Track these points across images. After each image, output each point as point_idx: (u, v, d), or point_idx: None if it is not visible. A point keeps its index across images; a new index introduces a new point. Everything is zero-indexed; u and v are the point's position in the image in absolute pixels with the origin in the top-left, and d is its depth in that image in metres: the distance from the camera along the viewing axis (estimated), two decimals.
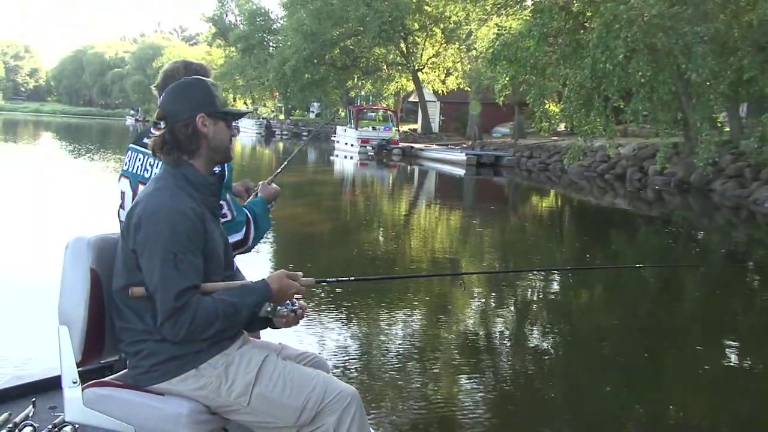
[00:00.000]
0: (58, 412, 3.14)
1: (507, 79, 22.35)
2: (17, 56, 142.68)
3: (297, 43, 47.09)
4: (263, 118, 68.96)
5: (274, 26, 65.83)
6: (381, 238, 12.83)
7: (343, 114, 52.38)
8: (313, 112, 74.13)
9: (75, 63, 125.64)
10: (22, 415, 3.19)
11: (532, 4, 21.86)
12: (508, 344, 6.73)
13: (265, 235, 3.40)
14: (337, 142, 42.02)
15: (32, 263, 8.41)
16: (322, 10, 46.09)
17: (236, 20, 71.76)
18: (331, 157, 37.41)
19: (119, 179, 3.25)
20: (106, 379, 2.54)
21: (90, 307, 2.45)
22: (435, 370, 5.76)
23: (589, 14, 17.73)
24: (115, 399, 2.41)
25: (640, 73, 14.32)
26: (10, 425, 3.09)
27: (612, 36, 14.59)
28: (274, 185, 3.54)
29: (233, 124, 2.62)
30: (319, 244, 11.86)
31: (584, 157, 25.06)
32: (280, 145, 51.11)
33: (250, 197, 3.50)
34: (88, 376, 2.53)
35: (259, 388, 2.40)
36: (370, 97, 60.30)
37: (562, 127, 31.44)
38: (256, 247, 3.37)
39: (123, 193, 3.21)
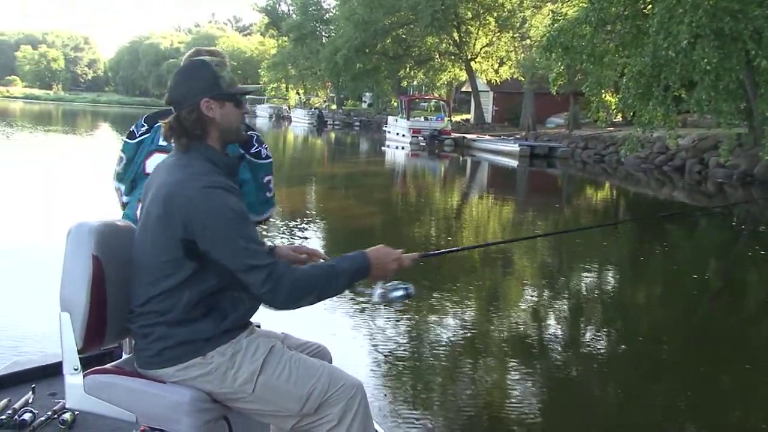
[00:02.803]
0: (58, 398, 3.15)
1: (562, 67, 21.80)
2: (77, 48, 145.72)
3: (349, 32, 46.99)
4: (315, 108, 69.08)
5: (327, 16, 65.87)
6: (432, 232, 12.54)
7: (395, 104, 52.09)
8: (365, 102, 74.02)
9: (131, 54, 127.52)
10: (22, 401, 3.22)
11: None
12: (541, 338, 6.38)
13: None
14: (389, 132, 41.74)
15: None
16: None
17: (289, 10, 71.93)
18: (382, 148, 37.19)
19: (149, 156, 3.23)
20: (107, 366, 2.52)
21: (92, 293, 2.41)
22: (467, 364, 5.65)
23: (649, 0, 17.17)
24: (116, 386, 2.41)
25: (705, 60, 13.68)
26: (10, 411, 3.12)
27: (675, 21, 13.98)
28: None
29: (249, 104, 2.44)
30: (368, 237, 11.60)
31: (641, 148, 24.37)
32: (332, 135, 51.14)
33: None
34: (88, 362, 2.50)
35: (264, 377, 2.38)
36: (423, 87, 59.94)
37: (619, 117, 30.70)
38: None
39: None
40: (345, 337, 6.00)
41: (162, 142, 3.17)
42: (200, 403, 2.36)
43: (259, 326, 3.14)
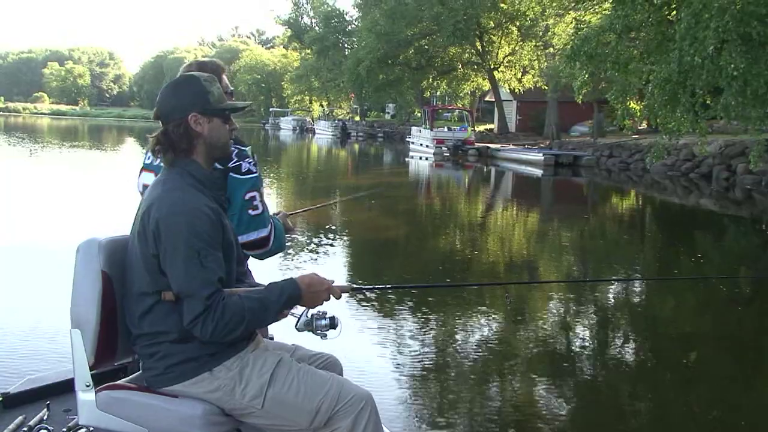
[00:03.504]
0: (72, 414, 3.09)
1: (586, 75, 21.61)
2: (102, 63, 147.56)
3: (371, 43, 47.05)
4: (339, 120, 69.23)
5: (349, 28, 66.09)
6: (456, 244, 12.46)
7: (418, 114, 52.05)
8: (388, 113, 74.11)
9: (156, 68, 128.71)
10: (37, 418, 3.20)
11: None
12: (557, 353, 6.25)
13: (278, 254, 3.23)
14: (412, 143, 41.68)
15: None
16: (395, 10, 45.98)
17: (311, 22, 72.26)
18: (406, 159, 37.13)
19: (140, 173, 3.22)
20: (119, 381, 2.54)
21: (102, 309, 2.43)
22: (473, 378, 5.55)
23: (674, 5, 16.91)
24: (128, 401, 2.41)
25: (732, 66, 13.48)
26: (25, 429, 3.11)
27: (701, 26, 13.78)
28: (289, 221, 3.48)
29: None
30: (391, 250, 11.52)
31: (667, 155, 24.10)
32: (356, 146, 51.17)
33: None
34: (101, 378, 2.52)
35: (273, 391, 2.39)
36: (446, 97, 59.87)
37: (644, 125, 30.42)
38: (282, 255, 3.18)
39: (146, 186, 3.09)
40: (356, 347, 5.93)
41: (148, 160, 3.18)
42: (212, 416, 2.36)
43: (272, 338, 3.21)
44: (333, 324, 2.60)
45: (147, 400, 2.40)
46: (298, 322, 2.60)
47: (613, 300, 8.53)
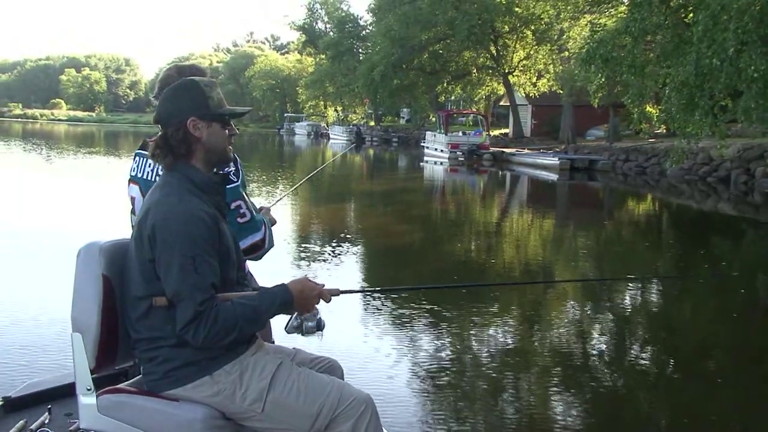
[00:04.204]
0: (74, 418, 3.09)
1: (602, 79, 21.47)
2: (119, 69, 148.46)
3: (385, 48, 47.02)
4: (353, 125, 69.22)
5: (363, 33, 66.07)
6: (471, 249, 12.36)
7: (433, 119, 51.93)
8: (403, 117, 74.05)
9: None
10: (38, 422, 3.22)
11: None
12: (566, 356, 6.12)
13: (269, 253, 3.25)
14: (427, 147, 41.59)
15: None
16: (410, 15, 45.92)
17: (326, 28, 72.33)
18: (421, 163, 37.05)
19: (128, 184, 3.25)
20: (120, 385, 2.54)
21: (103, 313, 2.44)
22: (478, 382, 5.48)
23: (691, 8, 16.75)
24: (129, 405, 2.41)
25: (752, 68, 13.29)
26: None
27: (719, 28, 13.62)
28: (272, 214, 3.48)
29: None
30: (405, 255, 11.42)
31: (685, 159, 23.92)
32: (370, 151, 51.15)
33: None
34: (102, 382, 2.52)
35: (273, 395, 2.39)
36: (460, 102, 59.75)
37: (662, 129, 30.19)
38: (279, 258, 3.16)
39: (133, 198, 3.21)
40: (357, 350, 5.90)
41: (133, 172, 3.22)
42: (212, 420, 2.37)
43: (273, 342, 3.17)
44: (320, 326, 2.66)
45: (148, 404, 2.41)
46: (287, 324, 2.63)
47: (628, 303, 8.40)
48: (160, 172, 3.00)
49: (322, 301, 2.56)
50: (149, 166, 3.16)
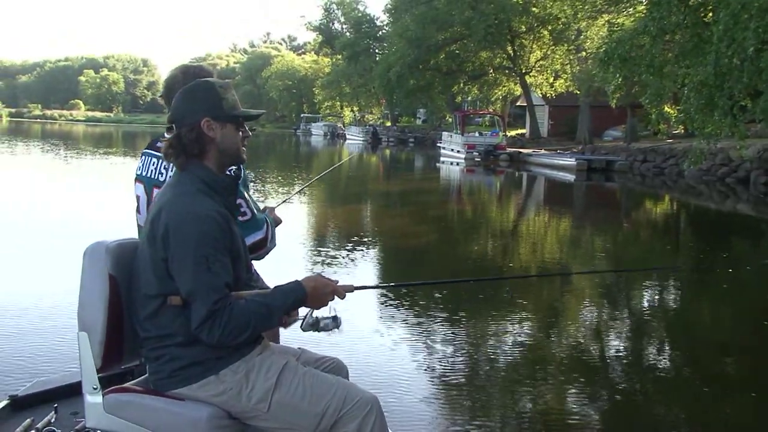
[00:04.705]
0: (80, 417, 3.11)
1: (620, 79, 21.31)
2: (136, 70, 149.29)
3: (402, 48, 46.98)
4: (369, 125, 69.26)
5: (380, 33, 66.07)
6: (487, 250, 12.31)
7: (449, 120, 51.85)
8: (419, 118, 74.03)
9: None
10: (44, 420, 3.23)
11: None
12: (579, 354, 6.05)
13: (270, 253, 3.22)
14: (443, 148, 41.54)
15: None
16: (426, 15, 45.86)
17: (342, 28, 72.36)
18: (437, 164, 36.99)
19: (134, 183, 3.27)
20: (126, 384, 2.56)
21: (109, 313, 2.45)
22: (484, 380, 5.49)
23: (710, 7, 16.57)
24: (135, 404, 2.43)
25: None
26: (33, 431, 3.15)
27: (740, 27, 13.47)
28: (277, 214, 3.46)
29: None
30: (421, 256, 11.38)
31: (703, 160, 23.72)
32: (387, 151, 51.14)
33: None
34: (108, 381, 2.54)
35: (279, 395, 2.40)
36: (477, 102, 59.62)
37: (681, 129, 29.96)
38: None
39: (138, 197, 3.23)
40: (362, 350, 5.86)
41: (138, 171, 3.25)
42: (218, 420, 2.37)
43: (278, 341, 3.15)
44: (337, 323, 2.66)
45: (154, 403, 2.41)
46: (303, 322, 2.63)
47: (645, 301, 8.35)
48: (163, 170, 3.15)
49: (336, 298, 2.56)
50: (153, 165, 3.20)
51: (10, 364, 5.24)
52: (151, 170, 3.20)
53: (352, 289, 2.62)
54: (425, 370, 5.56)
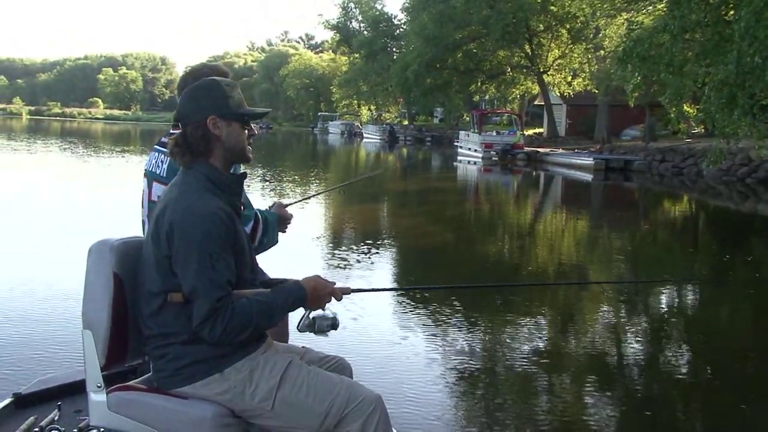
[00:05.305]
0: (84, 415, 3.10)
1: (639, 78, 21.12)
2: (155, 68, 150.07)
3: (419, 47, 46.95)
4: (386, 124, 69.24)
5: (397, 32, 66.04)
6: (504, 250, 12.23)
7: (467, 119, 51.74)
8: (436, 117, 73.91)
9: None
10: (48, 419, 3.23)
11: None
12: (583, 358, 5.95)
13: (268, 250, 3.28)
14: (460, 147, 41.40)
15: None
16: (444, 14, 45.76)
17: (360, 27, 72.35)
18: (454, 163, 36.88)
19: (143, 179, 3.34)
20: (130, 383, 2.56)
21: (113, 311, 2.45)
22: (487, 382, 5.46)
23: (732, 4, 16.37)
24: (139, 403, 2.43)
25: None
26: (36, 429, 3.15)
27: (762, 25, 13.31)
28: (287, 210, 3.51)
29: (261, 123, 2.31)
30: (437, 255, 11.31)
31: (723, 160, 23.47)
32: (404, 150, 51.08)
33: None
34: (112, 379, 2.54)
35: (283, 393, 2.41)
36: (494, 101, 59.42)
37: (701, 129, 29.71)
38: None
39: (143, 192, 3.31)
40: (366, 349, 5.83)
41: (146, 167, 3.31)
42: (222, 418, 2.37)
43: (286, 340, 3.22)
44: (335, 324, 2.64)
45: (157, 401, 2.42)
46: (300, 323, 2.62)
47: (663, 307, 8.23)
48: (159, 163, 3.21)
49: (333, 299, 2.58)
50: (155, 159, 3.27)
51: (13, 361, 5.23)
52: (153, 164, 3.27)
53: (349, 291, 2.64)
54: (429, 369, 5.52)
